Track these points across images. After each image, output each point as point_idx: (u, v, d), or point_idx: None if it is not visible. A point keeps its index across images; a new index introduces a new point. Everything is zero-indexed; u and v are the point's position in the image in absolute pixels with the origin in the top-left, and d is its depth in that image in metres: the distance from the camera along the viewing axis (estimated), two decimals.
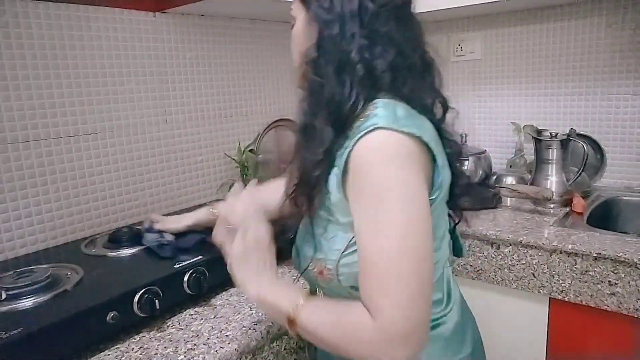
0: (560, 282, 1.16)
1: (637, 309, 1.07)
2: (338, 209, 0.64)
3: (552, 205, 1.43)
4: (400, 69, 0.65)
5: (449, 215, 0.76)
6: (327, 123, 0.64)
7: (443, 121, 0.71)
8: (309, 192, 0.66)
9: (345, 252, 0.65)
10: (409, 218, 0.58)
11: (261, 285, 0.69)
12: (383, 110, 0.61)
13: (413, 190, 0.59)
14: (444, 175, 0.65)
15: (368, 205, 0.60)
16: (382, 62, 0.64)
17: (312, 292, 0.74)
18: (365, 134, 0.59)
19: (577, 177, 1.44)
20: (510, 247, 1.22)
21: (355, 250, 0.63)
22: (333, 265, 0.66)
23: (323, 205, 0.66)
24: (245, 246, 0.71)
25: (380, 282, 0.58)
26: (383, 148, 0.59)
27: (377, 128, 0.59)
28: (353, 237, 0.64)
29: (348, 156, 0.60)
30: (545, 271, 1.18)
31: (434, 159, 0.63)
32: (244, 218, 0.74)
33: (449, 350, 0.71)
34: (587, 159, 1.43)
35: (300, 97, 0.70)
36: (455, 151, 0.71)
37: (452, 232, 0.78)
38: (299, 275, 0.76)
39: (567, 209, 1.41)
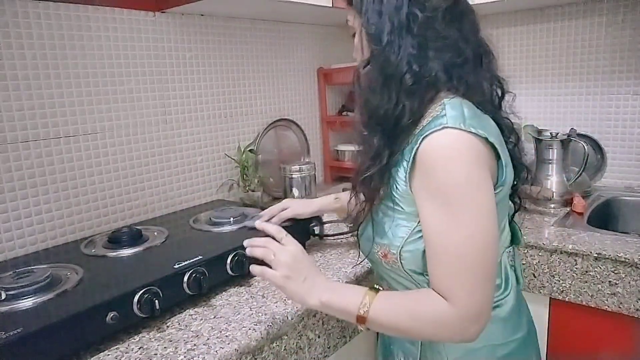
0: (561, 282, 1.16)
1: (637, 309, 1.07)
2: (403, 199, 0.70)
3: (552, 205, 1.43)
4: (455, 66, 0.69)
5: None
6: (378, 133, 0.70)
7: (501, 104, 0.78)
8: (373, 188, 0.72)
9: (408, 240, 0.71)
10: (478, 211, 0.64)
11: (321, 293, 0.74)
12: (451, 110, 0.66)
13: (481, 185, 0.64)
14: (508, 173, 0.70)
15: (439, 199, 0.65)
16: (435, 65, 0.68)
17: (376, 275, 0.85)
18: (434, 132, 0.65)
19: (578, 177, 1.44)
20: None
21: (418, 238, 0.70)
22: (396, 250, 0.72)
23: (388, 196, 0.72)
24: (289, 259, 0.76)
25: (454, 271, 0.65)
26: (452, 146, 0.64)
27: (445, 127, 0.64)
28: (416, 226, 0.70)
29: (416, 152, 0.66)
30: (545, 271, 1.18)
31: (498, 157, 0.68)
32: (277, 232, 0.80)
33: (506, 331, 0.77)
34: (587, 159, 1.42)
35: (357, 107, 0.76)
36: (515, 142, 0.77)
37: (511, 221, 0.82)
38: (363, 258, 0.83)
39: (568, 209, 1.41)
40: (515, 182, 0.77)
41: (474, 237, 0.64)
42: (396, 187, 0.71)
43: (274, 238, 0.80)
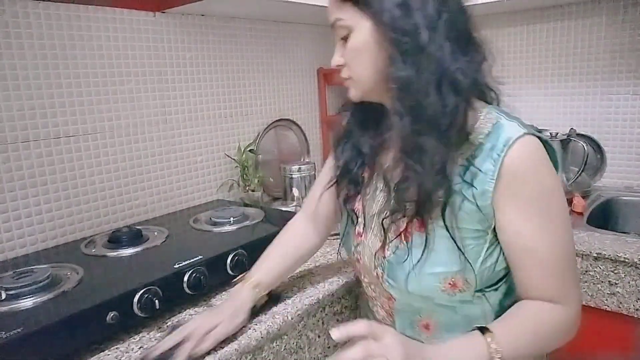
0: None
1: (637, 309, 1.07)
2: (469, 217, 0.66)
3: None
4: (484, 68, 0.68)
5: None
6: (436, 141, 0.63)
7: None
8: (429, 210, 0.66)
9: (485, 257, 0.68)
10: (566, 213, 0.69)
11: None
12: (507, 116, 0.68)
13: (561, 188, 0.68)
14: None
15: (534, 206, 0.65)
16: (472, 65, 0.65)
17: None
18: (517, 139, 0.64)
19: (577, 177, 1.44)
20: None
21: (492, 251, 0.68)
22: (472, 273, 0.68)
23: (446, 215, 0.66)
24: (401, 351, 0.62)
25: (562, 273, 0.67)
26: (538, 152, 0.65)
27: (527, 134, 0.64)
28: (489, 241, 0.68)
29: (502, 164, 0.63)
30: None
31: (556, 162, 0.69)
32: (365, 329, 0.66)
33: None
34: (587, 159, 1.43)
35: (393, 117, 0.67)
36: None
37: None
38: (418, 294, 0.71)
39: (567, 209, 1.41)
40: None
41: (568, 237, 0.68)
42: (461, 206, 0.66)
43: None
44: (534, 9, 1.68)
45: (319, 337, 0.95)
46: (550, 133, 1.48)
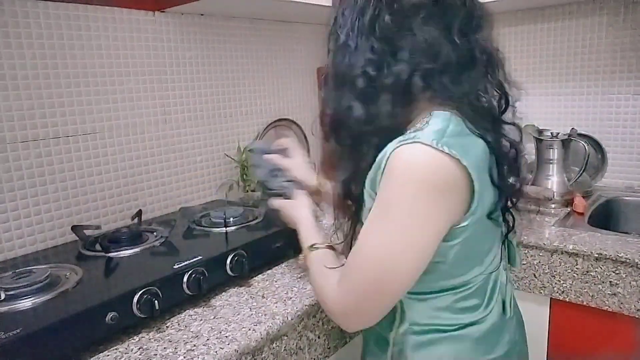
0: (562, 282, 1.16)
1: (638, 310, 1.07)
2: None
3: (553, 206, 1.43)
4: (433, 72, 0.64)
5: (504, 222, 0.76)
6: (342, 144, 0.70)
7: (502, 114, 0.72)
8: (353, 204, 0.72)
9: None
10: (397, 239, 0.63)
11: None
12: (434, 124, 0.63)
13: (418, 219, 0.62)
14: (484, 200, 0.65)
15: (380, 206, 0.64)
16: (405, 68, 0.63)
17: None
18: (404, 144, 0.61)
19: (578, 177, 1.44)
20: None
21: None
22: None
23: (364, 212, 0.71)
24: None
25: (355, 265, 0.68)
26: (415, 162, 0.61)
27: (416, 142, 0.60)
28: None
29: (387, 160, 0.63)
30: (546, 271, 1.18)
31: (472, 183, 0.62)
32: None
33: (478, 351, 0.74)
34: (588, 159, 1.42)
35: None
36: (510, 162, 0.70)
37: (504, 241, 0.78)
38: None
39: (568, 209, 1.41)
40: (503, 202, 0.71)
41: (381, 256, 0.64)
42: (364, 202, 0.70)
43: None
44: (534, 9, 1.67)
45: (318, 337, 0.95)
46: (551, 133, 1.48)
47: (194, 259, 0.92)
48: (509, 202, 0.72)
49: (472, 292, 0.72)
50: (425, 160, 0.60)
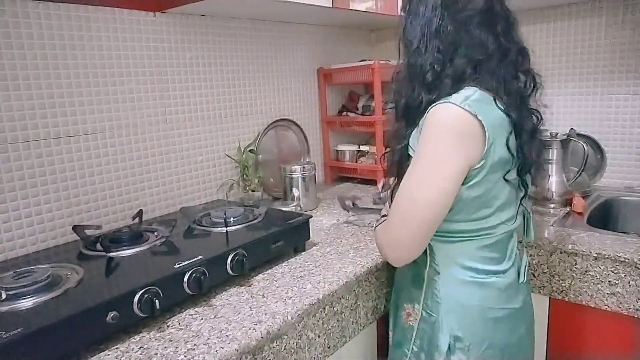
0: (561, 282, 1.16)
1: (637, 309, 1.07)
2: None
3: (552, 205, 1.43)
4: (481, 62, 0.82)
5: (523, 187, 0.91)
6: (403, 120, 0.88)
7: (529, 97, 0.89)
8: (398, 164, 0.90)
9: None
10: (423, 173, 0.81)
11: None
12: (464, 92, 0.80)
13: (442, 160, 0.79)
14: (495, 152, 0.80)
15: (415, 156, 0.83)
16: (462, 62, 0.82)
17: None
18: (438, 104, 0.79)
19: (577, 177, 1.44)
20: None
21: None
22: None
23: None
24: None
25: (397, 205, 0.85)
26: (442, 115, 0.79)
27: (446, 102, 0.79)
28: None
29: (424, 119, 0.81)
30: (545, 271, 1.18)
31: (486, 135, 0.78)
32: None
33: (500, 299, 0.89)
34: (587, 159, 1.43)
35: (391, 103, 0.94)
36: (527, 139, 0.85)
37: (520, 204, 0.92)
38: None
39: (567, 209, 1.41)
40: (521, 169, 0.86)
41: (418, 188, 0.81)
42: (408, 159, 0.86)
43: None
44: (534, 9, 1.68)
45: (318, 337, 0.95)
46: (550, 133, 1.48)
47: (195, 259, 0.92)
48: (523, 170, 0.86)
49: (494, 243, 0.88)
50: (450, 114, 0.78)
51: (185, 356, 0.75)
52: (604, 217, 1.45)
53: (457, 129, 0.78)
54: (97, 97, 1.20)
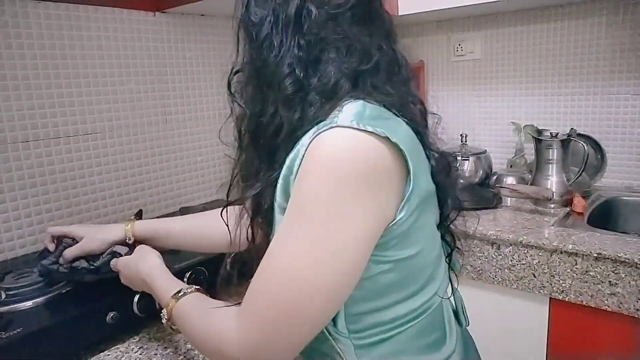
0: (561, 282, 1.16)
1: (637, 309, 1.07)
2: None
3: (552, 206, 1.43)
4: (364, 73, 0.57)
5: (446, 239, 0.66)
6: (252, 149, 0.61)
7: (424, 127, 0.62)
8: (265, 221, 0.59)
9: None
10: (313, 247, 0.50)
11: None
12: (349, 108, 0.52)
13: (339, 220, 0.49)
14: (421, 185, 0.54)
15: (289, 213, 0.52)
16: (333, 69, 0.55)
17: None
18: (320, 132, 0.51)
19: (578, 177, 1.44)
20: (511, 247, 1.21)
21: None
22: None
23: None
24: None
25: (255, 293, 0.53)
26: (333, 152, 0.49)
27: (334, 127, 0.50)
28: None
29: (302, 158, 0.52)
30: (545, 271, 1.18)
31: (406, 164, 0.52)
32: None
33: None
34: (587, 159, 1.42)
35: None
36: (440, 164, 0.61)
37: (449, 259, 0.68)
38: None
39: (568, 209, 1.41)
40: (443, 212, 0.63)
41: (296, 262, 0.50)
42: (274, 219, 0.57)
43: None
44: (534, 9, 1.67)
45: None
46: (551, 133, 1.48)
47: (194, 259, 0.92)
48: (441, 199, 0.62)
49: (434, 319, 0.61)
50: (348, 145, 0.49)
51: (185, 356, 0.74)
52: (605, 217, 1.45)
53: (362, 170, 0.49)
54: (96, 97, 1.20)
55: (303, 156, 0.52)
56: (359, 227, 0.50)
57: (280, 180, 0.55)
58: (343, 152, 0.49)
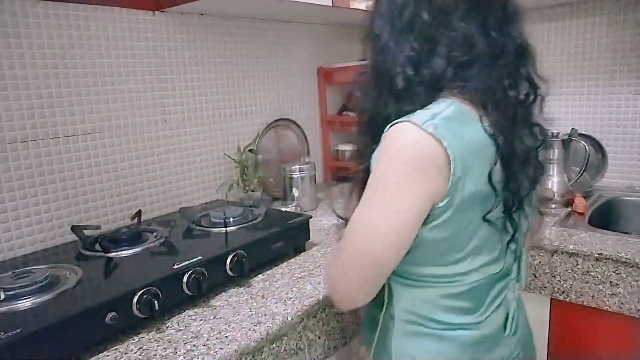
0: (562, 282, 1.16)
1: (638, 310, 1.06)
2: None
3: (553, 206, 1.43)
4: (461, 65, 0.66)
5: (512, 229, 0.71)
6: (368, 135, 0.71)
7: (530, 107, 0.71)
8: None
9: None
10: (375, 210, 0.65)
11: None
12: (435, 106, 0.65)
13: (395, 193, 0.64)
14: (464, 189, 0.63)
15: (370, 183, 0.67)
16: (441, 62, 0.66)
17: None
18: (397, 123, 0.64)
19: (579, 177, 1.44)
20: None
21: None
22: None
23: None
24: None
25: (342, 241, 0.70)
26: (398, 142, 0.64)
27: (407, 122, 0.63)
28: None
29: (383, 137, 0.66)
30: (546, 272, 1.18)
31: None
32: None
33: (465, 355, 0.73)
34: (588, 159, 1.42)
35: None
36: (518, 168, 0.67)
37: (516, 257, 0.76)
38: None
39: (569, 209, 1.41)
40: (509, 203, 0.68)
41: (369, 221, 0.66)
42: None
43: None
44: (534, 9, 1.67)
45: (319, 338, 0.95)
46: (552, 133, 1.47)
47: (194, 259, 0.91)
48: (510, 208, 0.68)
49: (464, 291, 0.71)
50: (406, 138, 0.63)
51: (184, 357, 0.74)
52: (606, 217, 1.45)
53: (414, 158, 0.62)
54: (95, 96, 1.20)
55: (384, 136, 0.65)
56: (414, 200, 0.63)
57: (375, 152, 0.68)
58: (403, 144, 0.63)
